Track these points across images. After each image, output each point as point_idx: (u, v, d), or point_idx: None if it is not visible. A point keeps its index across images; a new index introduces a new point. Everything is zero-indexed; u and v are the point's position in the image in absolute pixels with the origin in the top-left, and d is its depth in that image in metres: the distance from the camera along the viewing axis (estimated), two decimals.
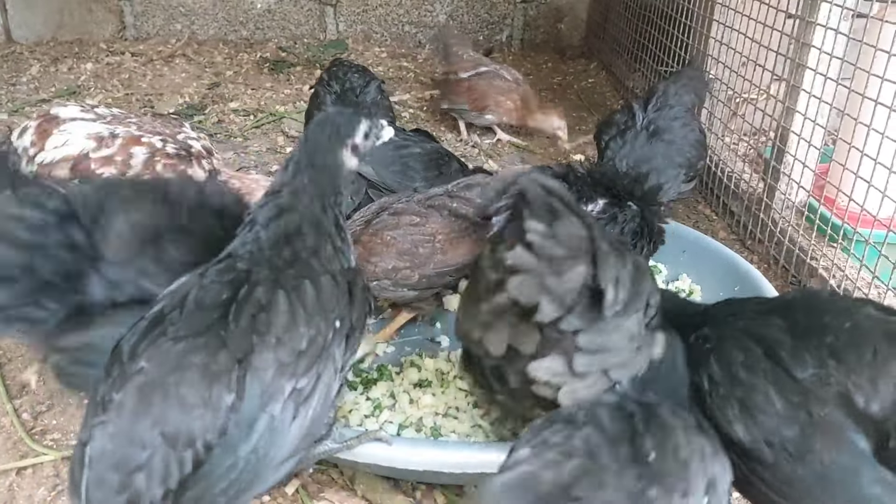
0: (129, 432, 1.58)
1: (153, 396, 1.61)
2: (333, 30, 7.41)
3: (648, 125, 3.57)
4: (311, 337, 1.77)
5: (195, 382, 1.62)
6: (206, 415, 1.61)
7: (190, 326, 1.71)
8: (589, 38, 7.49)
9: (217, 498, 1.66)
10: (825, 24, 3.28)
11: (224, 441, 1.63)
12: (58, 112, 3.04)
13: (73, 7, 7.01)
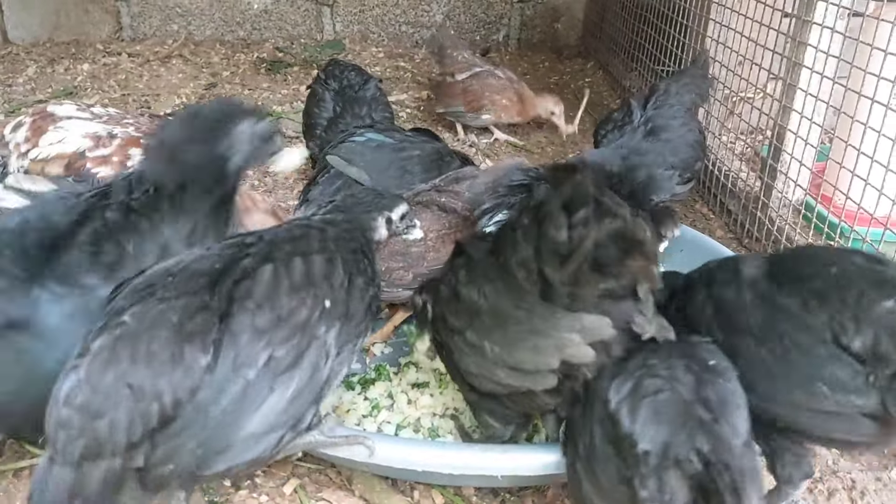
0: (96, 380, 1.62)
1: (125, 349, 1.65)
2: (330, 30, 7.41)
3: (646, 122, 3.57)
4: (291, 308, 1.80)
5: (167, 340, 1.67)
6: (176, 372, 1.65)
7: (177, 289, 1.77)
8: (585, 38, 7.49)
9: (186, 457, 1.68)
10: (821, 23, 3.28)
11: (195, 400, 1.66)
12: (54, 110, 3.03)
13: (69, 8, 7.00)
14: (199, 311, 1.73)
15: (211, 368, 1.69)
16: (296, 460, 2.41)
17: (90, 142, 2.92)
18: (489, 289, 1.91)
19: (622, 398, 1.75)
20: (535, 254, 1.74)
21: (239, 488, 2.32)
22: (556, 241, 1.66)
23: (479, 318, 1.93)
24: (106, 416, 1.60)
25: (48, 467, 1.62)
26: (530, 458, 2.08)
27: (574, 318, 1.79)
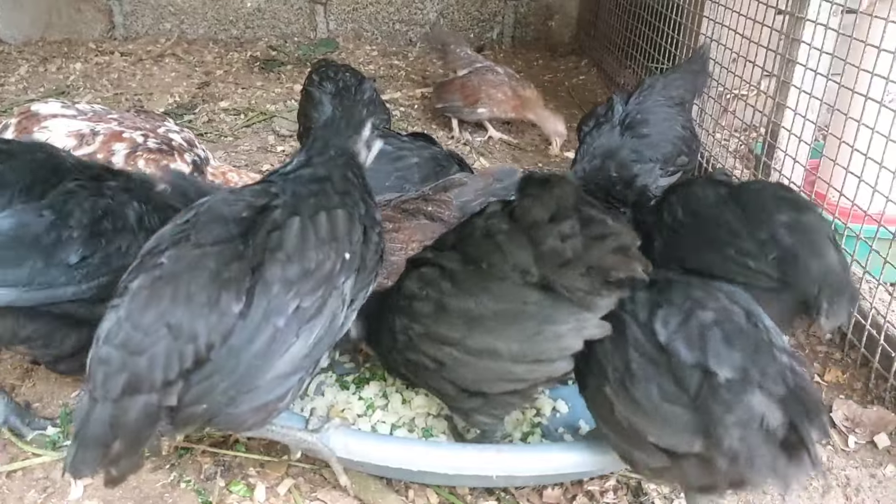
0: (136, 318, 1.72)
1: (165, 289, 1.75)
2: (324, 28, 7.39)
3: (625, 118, 3.58)
4: (318, 261, 1.90)
5: (205, 285, 1.76)
6: (212, 316, 1.74)
7: (211, 235, 1.87)
8: (579, 36, 7.49)
9: (217, 396, 1.77)
10: (815, 20, 3.28)
11: (228, 344, 1.75)
12: (38, 109, 3.02)
13: (61, 7, 6.97)
14: (234, 258, 1.84)
15: (244, 315, 1.78)
16: (290, 460, 2.41)
17: (74, 140, 2.91)
18: (486, 296, 1.94)
19: (674, 331, 1.81)
20: (536, 259, 1.86)
21: (232, 490, 2.31)
22: (556, 251, 1.81)
23: (481, 324, 1.94)
24: (145, 353, 1.69)
25: (90, 405, 1.70)
26: (525, 457, 2.08)
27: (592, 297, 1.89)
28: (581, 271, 1.81)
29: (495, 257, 1.92)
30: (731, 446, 1.66)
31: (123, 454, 1.71)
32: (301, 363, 1.88)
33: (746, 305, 1.91)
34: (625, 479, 2.39)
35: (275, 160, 4.73)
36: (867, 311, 2.87)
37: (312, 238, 1.94)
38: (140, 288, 1.77)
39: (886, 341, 2.76)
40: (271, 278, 1.83)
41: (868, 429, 2.64)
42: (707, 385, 1.71)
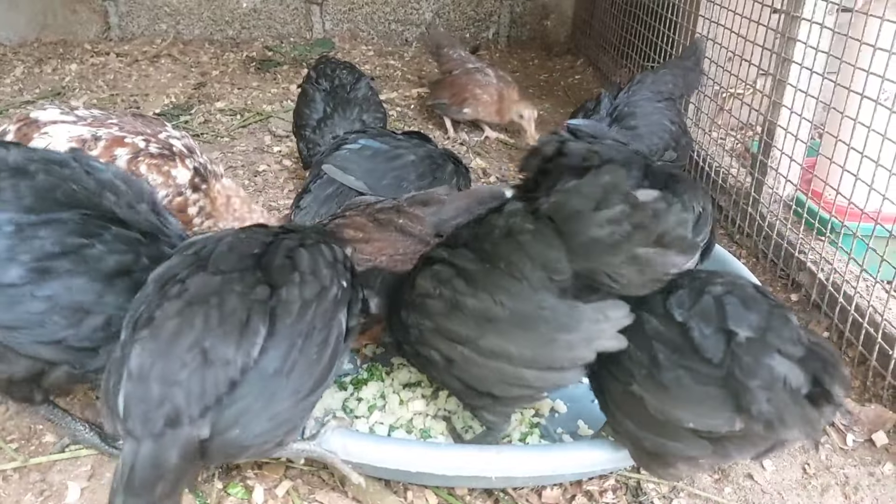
0: (169, 348, 1.69)
1: (197, 315, 1.74)
2: (320, 28, 7.38)
3: (613, 112, 3.59)
4: (325, 284, 1.96)
5: (235, 308, 1.77)
6: (244, 339, 1.74)
7: (228, 264, 1.90)
8: (575, 35, 7.49)
9: (252, 419, 1.74)
10: (811, 19, 3.29)
11: (259, 366, 1.75)
12: (38, 116, 3.01)
13: (56, 8, 6.96)
14: (255, 282, 1.86)
15: (271, 335, 1.78)
16: (288, 462, 2.40)
17: (76, 146, 2.90)
18: (502, 296, 1.91)
19: (689, 307, 1.83)
20: (568, 254, 1.81)
21: (230, 493, 2.30)
22: (598, 239, 1.75)
23: (495, 325, 1.93)
24: (183, 385, 1.66)
25: (132, 447, 1.65)
26: (525, 458, 2.08)
27: (596, 308, 1.87)
28: (625, 258, 1.76)
29: (515, 257, 1.89)
30: (761, 410, 1.67)
31: (167, 495, 1.67)
32: (317, 386, 1.88)
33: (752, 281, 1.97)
34: (624, 479, 2.39)
35: (271, 160, 4.72)
36: (864, 310, 2.88)
37: (321, 262, 2.01)
38: (168, 315, 1.75)
39: (884, 339, 2.76)
40: (291, 298, 1.85)
41: (866, 427, 2.64)
42: (729, 351, 1.72)
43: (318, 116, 4.10)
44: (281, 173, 4.56)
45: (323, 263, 2.01)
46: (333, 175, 3.13)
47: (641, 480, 2.39)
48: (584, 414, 2.56)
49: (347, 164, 3.26)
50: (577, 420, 2.56)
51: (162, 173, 3.02)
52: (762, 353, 1.69)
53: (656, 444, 1.90)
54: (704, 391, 1.74)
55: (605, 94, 3.65)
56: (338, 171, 3.19)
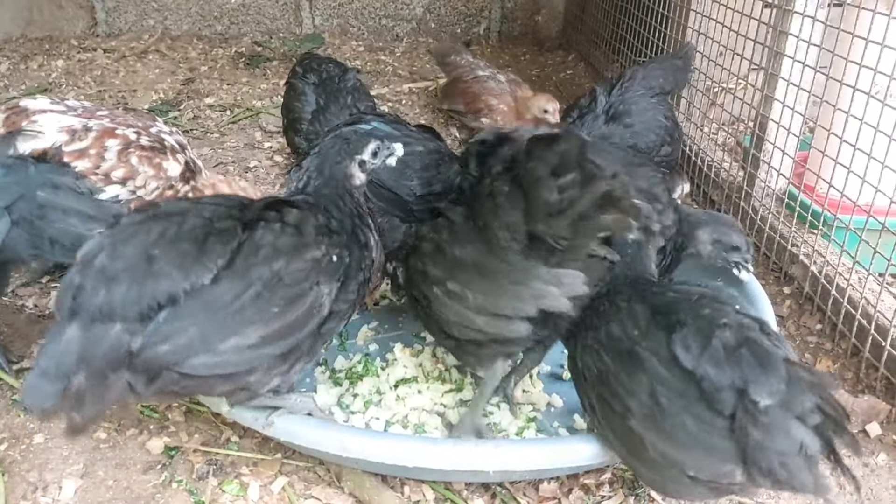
0: (120, 247, 1.79)
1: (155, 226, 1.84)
2: (309, 24, 7.35)
3: (609, 109, 3.59)
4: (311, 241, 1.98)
5: (195, 228, 1.85)
6: (195, 261, 1.80)
7: (212, 203, 2.00)
8: (567, 30, 7.48)
9: (180, 340, 1.75)
10: (802, 12, 3.29)
11: (203, 293, 1.78)
12: (27, 104, 2.97)
13: (42, 3, 6.88)
14: (229, 217, 1.91)
15: (226, 268, 1.82)
16: (284, 458, 2.39)
17: (66, 135, 2.86)
18: (471, 248, 2.13)
19: (698, 354, 1.77)
20: (524, 216, 1.96)
21: (225, 490, 2.29)
22: (549, 203, 1.87)
23: (462, 270, 2.14)
24: (122, 282, 1.72)
25: (57, 330, 1.71)
26: (521, 452, 2.07)
27: (553, 272, 2.04)
28: (569, 221, 1.88)
29: (490, 217, 2.05)
30: (773, 471, 1.66)
31: (87, 392, 1.68)
32: (271, 341, 1.87)
33: (753, 313, 1.91)
34: (620, 473, 2.39)
35: (262, 156, 4.70)
36: (857, 302, 2.89)
37: (312, 221, 2.02)
38: (130, 222, 1.83)
39: (877, 331, 2.77)
40: (262, 241, 1.88)
41: (860, 418, 2.65)
42: (744, 409, 1.69)
43: (312, 108, 4.06)
44: (272, 169, 4.54)
45: (313, 225, 2.01)
46: None
47: None
48: (580, 409, 2.55)
49: None
50: (574, 414, 2.56)
51: (153, 165, 3.00)
52: (782, 420, 1.66)
53: (651, 479, 1.94)
54: (710, 441, 1.73)
55: (599, 92, 3.63)
56: None
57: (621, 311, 2.01)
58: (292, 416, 2.15)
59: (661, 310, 1.94)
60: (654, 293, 2.05)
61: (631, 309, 1.99)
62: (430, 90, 6.06)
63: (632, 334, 1.93)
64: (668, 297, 2.00)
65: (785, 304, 3.29)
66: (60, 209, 2.46)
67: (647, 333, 1.90)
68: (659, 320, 1.91)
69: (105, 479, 2.31)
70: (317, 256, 1.98)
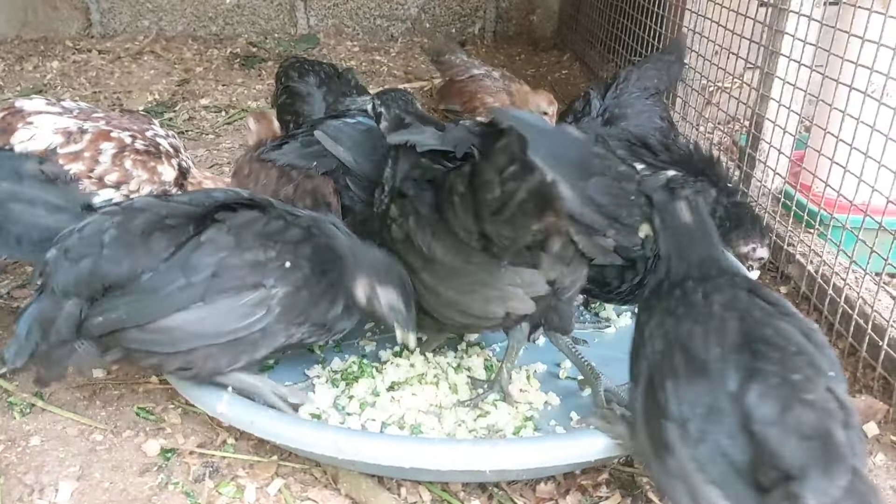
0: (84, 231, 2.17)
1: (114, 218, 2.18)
2: (304, 24, 7.34)
3: (604, 112, 3.58)
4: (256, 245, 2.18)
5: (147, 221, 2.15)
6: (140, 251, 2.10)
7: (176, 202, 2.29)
8: (561, 30, 7.48)
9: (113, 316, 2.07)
10: (798, 11, 3.29)
11: (142, 279, 2.08)
12: (22, 105, 2.95)
13: (37, 5, 6.87)
14: (184, 215, 2.16)
15: (167, 259, 2.09)
16: (280, 460, 2.38)
17: (61, 138, 2.84)
18: (438, 245, 2.17)
19: (768, 420, 1.67)
20: (475, 218, 1.99)
21: (221, 492, 2.28)
22: (492, 201, 1.88)
23: (432, 266, 2.21)
24: (81, 265, 2.08)
25: (35, 298, 2.14)
26: (518, 451, 2.07)
27: (515, 272, 2.10)
28: (509, 215, 1.86)
29: (450, 214, 2.10)
30: None
31: (51, 354, 2.10)
32: (202, 329, 2.10)
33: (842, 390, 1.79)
34: (617, 473, 2.39)
35: None
36: (854, 301, 2.89)
37: (260, 227, 2.20)
38: (103, 212, 2.20)
39: (874, 331, 2.77)
40: (206, 239, 2.12)
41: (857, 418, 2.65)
42: (784, 494, 1.59)
43: (322, 109, 3.97)
44: None
45: (262, 227, 2.20)
46: (324, 142, 3.06)
47: (635, 474, 2.38)
48: (577, 407, 2.55)
49: (339, 134, 3.19)
50: (571, 412, 2.54)
51: (147, 169, 2.98)
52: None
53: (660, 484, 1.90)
54: (730, 494, 1.67)
55: (594, 95, 3.63)
56: (328, 140, 3.12)
57: (713, 316, 1.89)
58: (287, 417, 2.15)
59: (754, 344, 1.81)
60: (755, 314, 1.90)
61: (724, 321, 1.87)
62: (426, 90, 6.05)
63: (712, 349, 1.82)
64: (766, 332, 1.84)
65: None
66: (25, 200, 2.44)
67: (727, 359, 1.79)
68: (746, 356, 1.78)
69: (101, 482, 2.31)
70: (259, 259, 2.15)
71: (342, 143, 3.11)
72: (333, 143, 3.07)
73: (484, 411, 2.47)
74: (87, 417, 2.55)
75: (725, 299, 1.94)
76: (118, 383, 2.72)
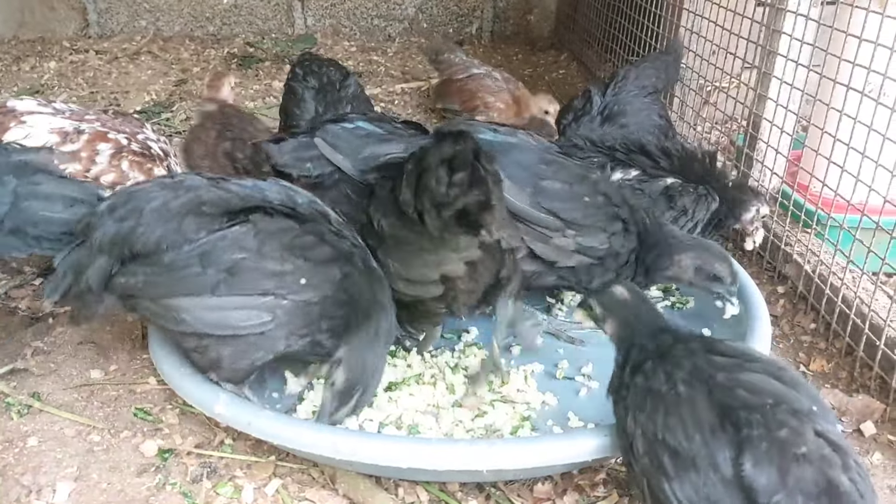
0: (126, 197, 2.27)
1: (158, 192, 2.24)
2: (301, 24, 7.33)
3: (604, 109, 3.60)
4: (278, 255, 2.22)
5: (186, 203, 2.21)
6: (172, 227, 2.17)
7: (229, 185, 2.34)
8: (559, 30, 7.49)
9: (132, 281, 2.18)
10: (795, 11, 3.30)
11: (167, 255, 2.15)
12: (14, 105, 2.94)
13: (34, 5, 6.86)
14: (223, 205, 2.21)
15: (191, 242, 2.15)
16: (278, 460, 2.38)
17: (57, 138, 2.84)
18: (388, 221, 2.33)
19: (775, 489, 1.64)
20: (415, 198, 2.11)
21: (219, 492, 2.28)
22: (435, 193, 2.02)
23: (384, 242, 2.38)
24: (119, 228, 2.17)
25: (78, 245, 2.24)
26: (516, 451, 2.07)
27: (453, 240, 2.20)
28: (448, 214, 2.03)
29: (406, 194, 2.19)
30: None
31: (83, 298, 2.22)
32: (204, 320, 2.16)
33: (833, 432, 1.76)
34: (615, 473, 2.39)
35: None
36: (851, 301, 2.89)
37: (288, 239, 2.24)
38: (155, 182, 2.29)
39: (871, 330, 2.77)
40: (231, 236, 2.17)
41: (854, 417, 2.66)
42: None
43: (310, 116, 4.00)
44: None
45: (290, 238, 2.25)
46: (322, 150, 3.05)
47: None
48: (574, 406, 2.55)
49: (338, 140, 3.18)
50: (568, 412, 2.54)
51: (144, 171, 2.99)
52: None
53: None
54: None
55: (594, 92, 3.63)
56: (327, 147, 3.12)
57: (682, 400, 1.83)
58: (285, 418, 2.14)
59: (731, 414, 1.76)
60: (719, 379, 1.84)
61: (693, 402, 1.82)
62: (423, 90, 6.05)
63: (693, 437, 1.76)
64: (738, 394, 1.80)
65: (779, 304, 3.30)
66: (42, 197, 2.41)
67: (710, 444, 1.74)
68: (728, 431, 1.74)
69: (99, 482, 2.30)
70: (275, 269, 2.19)
71: (341, 149, 3.10)
72: (332, 150, 3.06)
73: (482, 411, 2.48)
74: (84, 418, 2.55)
75: (687, 374, 1.88)
76: (115, 384, 2.72)
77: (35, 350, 2.86)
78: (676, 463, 1.77)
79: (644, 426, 1.88)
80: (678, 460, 1.77)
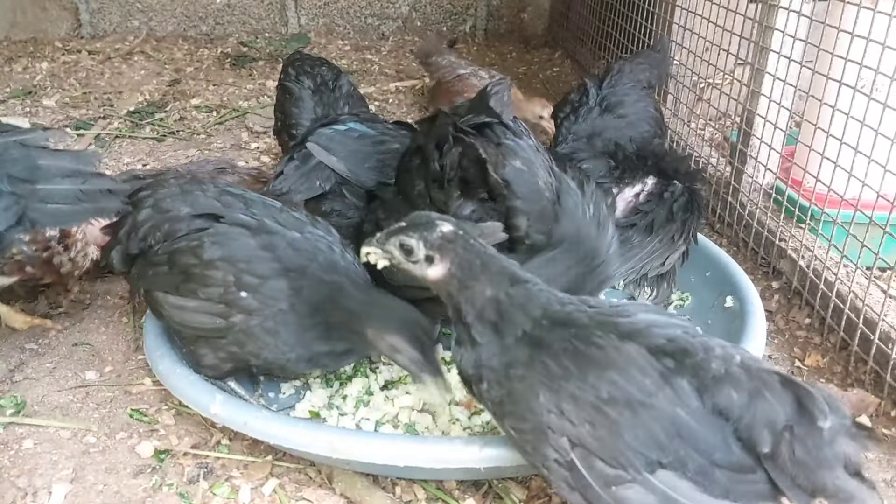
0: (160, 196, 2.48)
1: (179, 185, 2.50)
2: (295, 23, 7.33)
3: (601, 101, 3.61)
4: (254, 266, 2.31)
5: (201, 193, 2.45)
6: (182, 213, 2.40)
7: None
8: (552, 27, 7.49)
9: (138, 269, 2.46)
10: (788, 7, 3.30)
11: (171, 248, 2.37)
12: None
13: (26, 5, 6.84)
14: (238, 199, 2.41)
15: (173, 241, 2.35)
16: (274, 460, 2.38)
17: None
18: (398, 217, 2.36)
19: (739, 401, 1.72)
20: (426, 185, 2.38)
21: (216, 493, 2.28)
22: (435, 172, 2.30)
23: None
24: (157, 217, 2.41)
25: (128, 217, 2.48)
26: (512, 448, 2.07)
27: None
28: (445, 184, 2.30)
29: (408, 187, 2.42)
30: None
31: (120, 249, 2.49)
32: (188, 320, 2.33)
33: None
34: None
35: (248, 157, 4.68)
36: (845, 296, 2.90)
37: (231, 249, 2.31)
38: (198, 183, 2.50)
39: (865, 325, 2.78)
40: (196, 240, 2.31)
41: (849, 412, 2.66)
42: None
43: (310, 117, 3.98)
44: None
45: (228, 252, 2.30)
46: (317, 154, 3.06)
47: None
48: None
49: (332, 144, 3.18)
50: None
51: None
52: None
53: None
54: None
55: (591, 84, 3.64)
56: (321, 151, 3.12)
57: (612, 354, 1.75)
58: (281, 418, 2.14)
59: (660, 350, 1.75)
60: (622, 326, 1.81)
61: (621, 350, 1.75)
62: (417, 89, 6.05)
63: (643, 384, 1.71)
64: (648, 331, 1.79)
65: (773, 299, 3.30)
66: (55, 172, 2.46)
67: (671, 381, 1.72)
68: (669, 364, 1.73)
69: (95, 484, 2.30)
70: (219, 279, 2.26)
71: (335, 152, 3.11)
72: (327, 154, 3.07)
73: (478, 408, 2.48)
74: (80, 420, 2.55)
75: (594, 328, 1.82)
76: (111, 385, 2.72)
77: (30, 352, 2.86)
78: (634, 415, 1.68)
79: (575, 394, 1.72)
80: (633, 412, 1.68)
